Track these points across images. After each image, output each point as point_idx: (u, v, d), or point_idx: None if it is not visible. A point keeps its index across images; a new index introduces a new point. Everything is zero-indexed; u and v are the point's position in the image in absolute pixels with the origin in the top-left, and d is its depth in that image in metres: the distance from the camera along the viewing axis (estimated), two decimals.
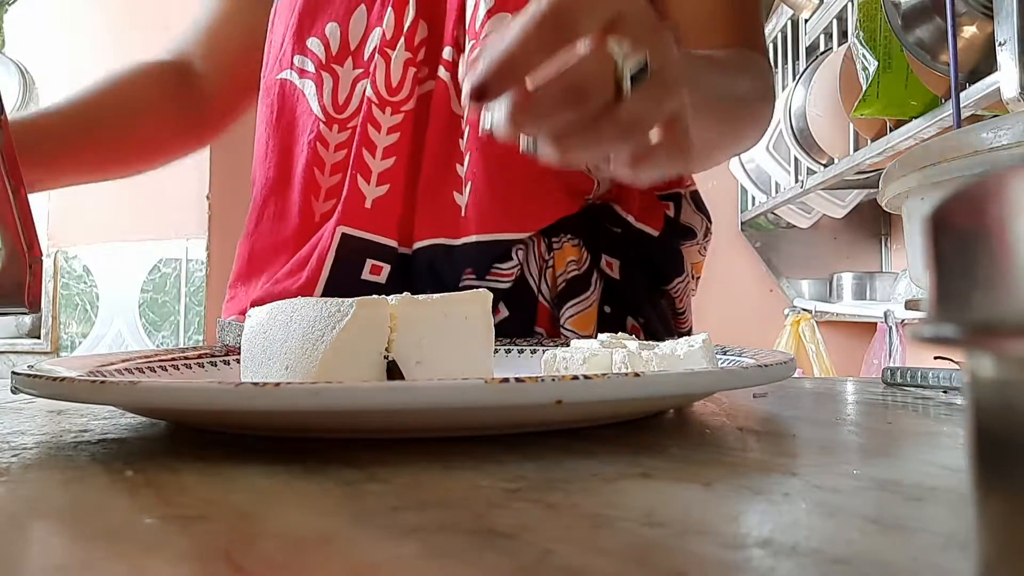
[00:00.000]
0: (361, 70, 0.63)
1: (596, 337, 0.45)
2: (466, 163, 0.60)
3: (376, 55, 0.61)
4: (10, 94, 2.07)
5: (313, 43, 0.64)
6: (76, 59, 1.91)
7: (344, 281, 0.59)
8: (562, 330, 0.61)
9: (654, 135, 0.37)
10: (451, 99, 0.61)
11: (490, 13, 0.58)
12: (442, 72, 0.61)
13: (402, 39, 0.60)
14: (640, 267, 0.65)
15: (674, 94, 0.37)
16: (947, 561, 0.17)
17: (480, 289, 0.40)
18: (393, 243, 0.61)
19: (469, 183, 0.60)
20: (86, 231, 1.87)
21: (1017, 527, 0.10)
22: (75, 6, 1.93)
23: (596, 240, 0.62)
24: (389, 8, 0.61)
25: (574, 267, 0.61)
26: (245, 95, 0.77)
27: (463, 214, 0.60)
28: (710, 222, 0.70)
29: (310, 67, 0.64)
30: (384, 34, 0.61)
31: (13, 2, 2.07)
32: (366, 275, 0.60)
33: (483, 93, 0.33)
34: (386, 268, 0.60)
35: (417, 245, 0.61)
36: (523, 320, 0.61)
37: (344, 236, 0.60)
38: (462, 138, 0.61)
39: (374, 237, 0.60)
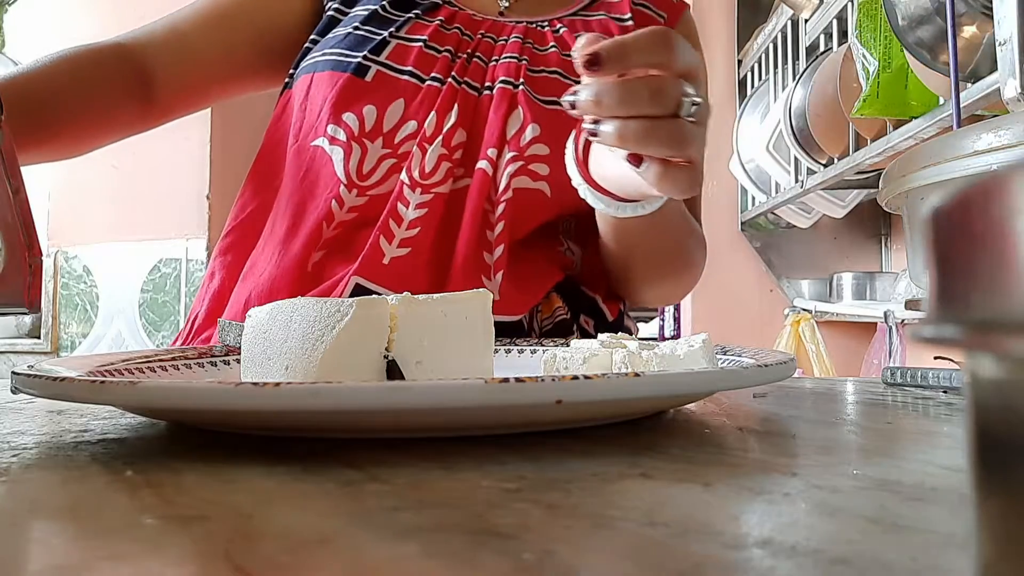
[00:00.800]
0: (389, 150, 0.67)
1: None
2: (496, 253, 0.66)
3: (413, 146, 0.66)
4: None
5: (348, 117, 0.67)
6: None
7: None
8: None
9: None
10: (488, 191, 0.66)
11: (535, 140, 0.66)
12: (484, 165, 0.66)
13: (440, 137, 0.66)
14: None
15: (703, 141, 0.46)
16: (947, 561, 0.17)
17: (481, 289, 0.40)
18: None
19: (500, 272, 0.65)
20: (86, 231, 1.87)
21: (1017, 527, 0.10)
22: (74, 6, 1.93)
23: (575, 302, 0.71)
24: (432, 112, 0.67)
25: (561, 312, 0.69)
26: (187, 105, 0.78)
27: (496, 297, 0.64)
28: (637, 332, 0.83)
29: (342, 136, 0.67)
30: (424, 131, 0.66)
31: (13, 2, 2.07)
32: None
33: (595, 61, 0.42)
34: None
35: None
36: None
37: (357, 286, 0.63)
38: (491, 230, 0.66)
39: (388, 293, 0.62)
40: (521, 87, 0.69)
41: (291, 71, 0.75)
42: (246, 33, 0.76)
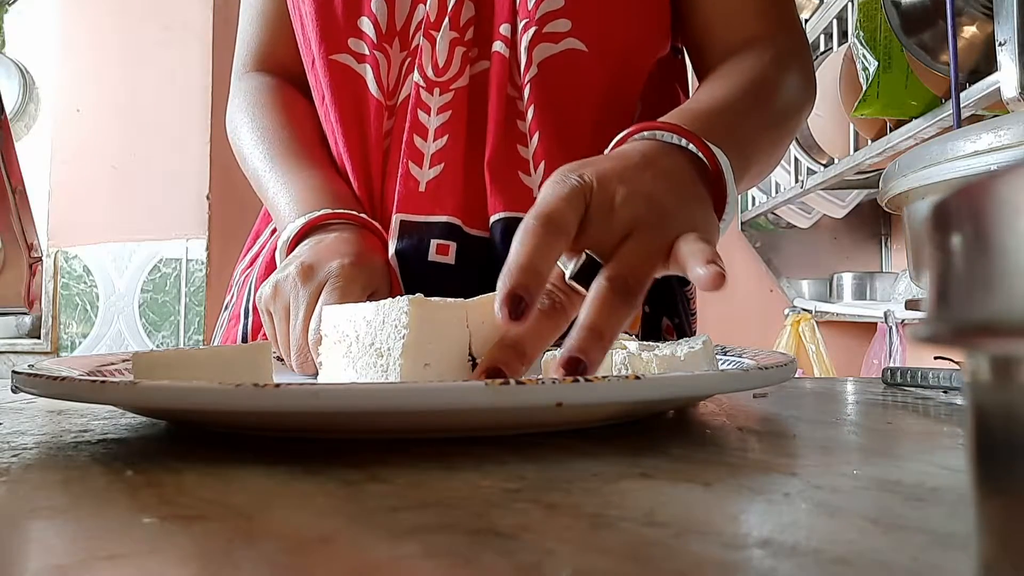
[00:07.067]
0: (406, 52, 0.62)
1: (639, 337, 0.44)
2: (532, 145, 0.60)
3: (420, 38, 0.60)
4: (10, 94, 2.08)
5: (364, 23, 0.62)
6: (76, 59, 1.91)
7: (413, 268, 0.59)
8: None
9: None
10: (510, 76, 0.60)
11: None
12: (500, 47, 0.60)
13: (447, 19, 0.60)
14: None
15: (661, 226, 0.39)
16: (947, 561, 0.17)
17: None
18: (456, 221, 0.60)
19: (542, 164, 0.59)
20: (86, 231, 1.87)
21: (1017, 527, 0.10)
22: (75, 6, 1.93)
23: None
24: None
25: None
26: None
27: (536, 194, 0.57)
28: None
29: (364, 49, 0.62)
30: (428, 15, 0.60)
31: (13, 2, 2.07)
32: (433, 256, 0.59)
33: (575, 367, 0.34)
34: (452, 247, 0.59)
35: (493, 218, 0.60)
36: None
37: (403, 223, 0.60)
38: (522, 119, 0.60)
39: (432, 218, 0.59)
40: None
41: None
42: None
